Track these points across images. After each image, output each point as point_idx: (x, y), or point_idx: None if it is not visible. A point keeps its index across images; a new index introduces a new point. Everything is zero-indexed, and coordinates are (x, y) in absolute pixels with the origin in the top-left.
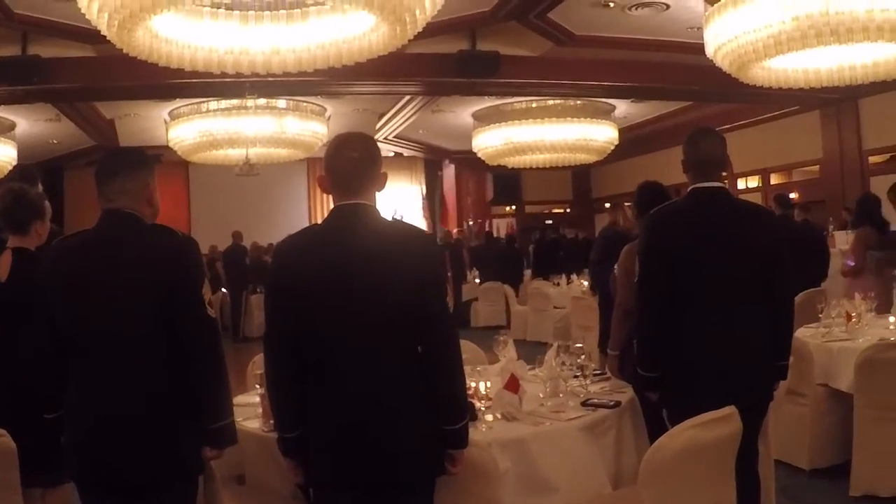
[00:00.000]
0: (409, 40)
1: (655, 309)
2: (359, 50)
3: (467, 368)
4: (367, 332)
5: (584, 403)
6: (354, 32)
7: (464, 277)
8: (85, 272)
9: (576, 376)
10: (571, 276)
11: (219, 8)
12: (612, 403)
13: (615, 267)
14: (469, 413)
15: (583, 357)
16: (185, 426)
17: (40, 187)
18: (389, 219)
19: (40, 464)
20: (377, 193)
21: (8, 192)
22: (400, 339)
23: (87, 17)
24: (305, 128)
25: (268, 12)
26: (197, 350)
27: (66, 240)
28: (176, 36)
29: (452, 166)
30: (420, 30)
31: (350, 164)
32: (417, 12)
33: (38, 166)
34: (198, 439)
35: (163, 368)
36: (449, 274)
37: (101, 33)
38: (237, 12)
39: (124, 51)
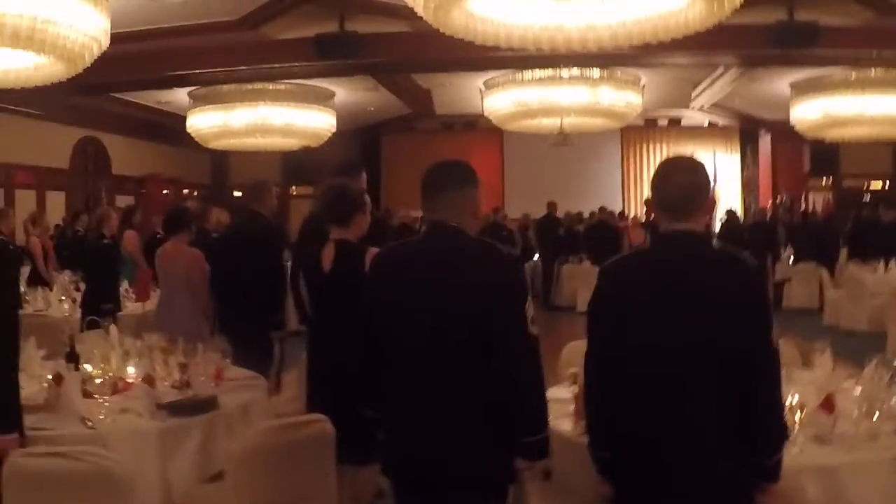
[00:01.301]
0: None
1: None
2: (675, 25)
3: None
4: (696, 362)
5: None
6: (670, 8)
7: (777, 256)
8: (411, 282)
9: (890, 389)
10: (890, 262)
11: None
12: None
13: None
14: (778, 448)
15: None
16: (501, 437)
17: (364, 177)
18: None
19: (355, 444)
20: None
21: (330, 189)
22: (727, 371)
23: None
24: (620, 97)
25: None
26: (518, 366)
27: (393, 248)
28: (491, 14)
29: (768, 136)
30: (738, 5)
31: (678, 191)
32: None
33: (356, 133)
34: (512, 450)
35: (481, 379)
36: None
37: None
38: None
39: (440, 30)
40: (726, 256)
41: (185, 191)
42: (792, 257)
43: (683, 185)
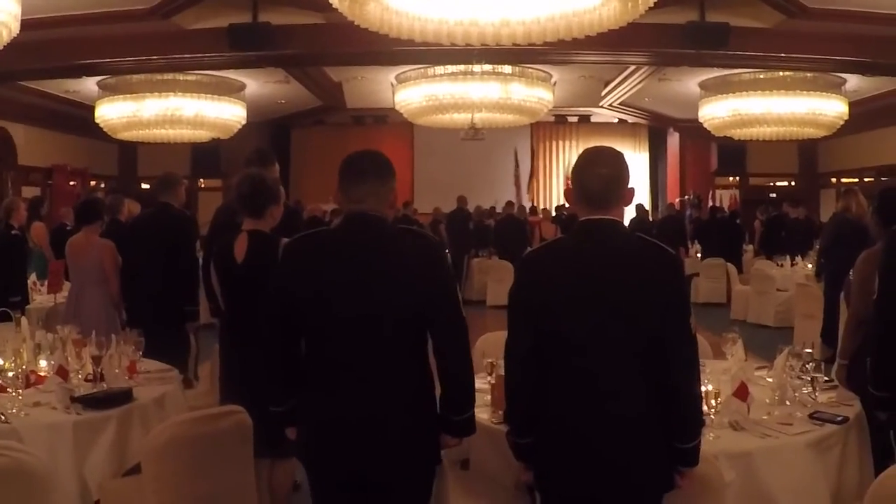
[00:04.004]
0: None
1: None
2: (589, 23)
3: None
4: (617, 348)
5: (811, 416)
6: (585, 5)
7: (686, 251)
8: (337, 271)
9: (801, 379)
10: (795, 258)
11: None
12: (839, 419)
13: (850, 273)
14: (697, 433)
15: (812, 365)
16: (428, 420)
17: (277, 168)
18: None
19: (271, 437)
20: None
21: (245, 179)
22: (648, 357)
23: None
24: (531, 94)
25: None
26: (450, 350)
27: (309, 236)
28: (406, 7)
29: (677, 135)
30: (652, 4)
31: (599, 181)
32: None
33: (265, 125)
34: (438, 430)
35: (411, 363)
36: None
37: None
38: None
39: (355, 22)
40: (646, 245)
41: (93, 182)
42: (700, 253)
43: (605, 175)
